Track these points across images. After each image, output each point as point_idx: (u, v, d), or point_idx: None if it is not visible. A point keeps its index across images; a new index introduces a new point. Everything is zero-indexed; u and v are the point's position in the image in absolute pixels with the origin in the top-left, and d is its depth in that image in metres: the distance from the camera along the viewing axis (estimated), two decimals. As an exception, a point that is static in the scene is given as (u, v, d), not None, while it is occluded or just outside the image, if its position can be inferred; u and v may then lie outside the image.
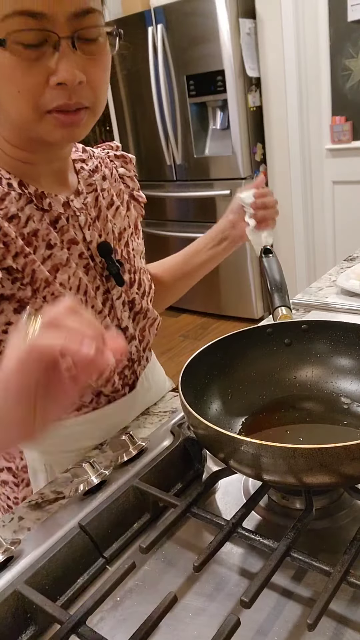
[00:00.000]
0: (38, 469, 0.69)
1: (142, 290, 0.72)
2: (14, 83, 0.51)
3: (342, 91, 2.59)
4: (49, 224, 0.60)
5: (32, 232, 0.59)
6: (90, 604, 0.42)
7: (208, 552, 0.45)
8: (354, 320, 0.65)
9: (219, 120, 2.91)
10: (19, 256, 0.57)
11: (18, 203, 0.58)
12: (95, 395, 0.69)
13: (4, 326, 0.59)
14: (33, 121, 0.53)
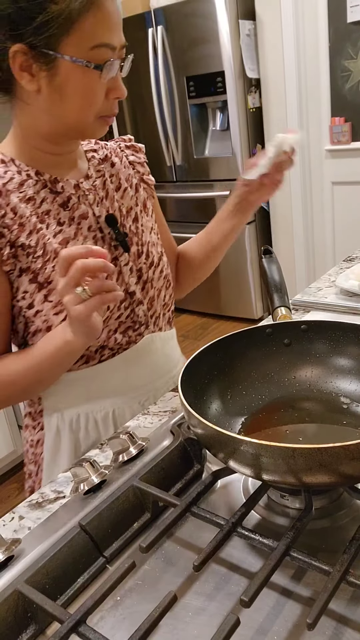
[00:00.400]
0: (53, 412, 0.79)
1: (149, 261, 0.80)
2: (89, 96, 0.65)
3: (342, 92, 2.60)
4: (60, 205, 0.72)
5: (45, 212, 0.70)
6: (91, 603, 0.42)
7: (208, 551, 0.45)
8: (353, 320, 0.66)
9: (218, 121, 2.91)
10: (32, 233, 0.69)
11: (35, 187, 0.70)
12: (100, 347, 0.76)
13: (22, 293, 0.70)
14: (90, 123, 0.67)
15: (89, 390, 0.78)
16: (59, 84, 0.64)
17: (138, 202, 0.83)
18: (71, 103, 0.65)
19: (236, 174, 2.86)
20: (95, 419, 0.79)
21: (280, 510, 0.54)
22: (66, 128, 0.68)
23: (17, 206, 0.68)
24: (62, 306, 0.70)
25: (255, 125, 2.86)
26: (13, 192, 0.68)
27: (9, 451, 2.02)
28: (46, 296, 0.70)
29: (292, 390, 0.66)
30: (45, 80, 0.64)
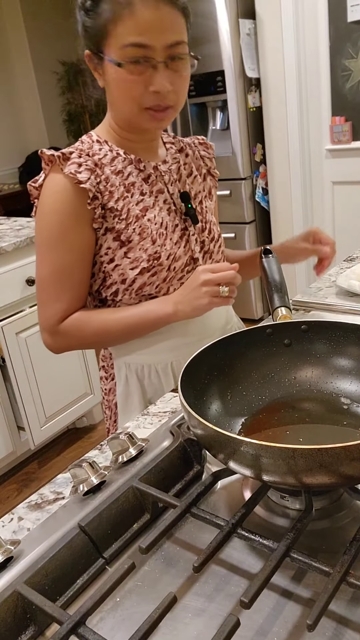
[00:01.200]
0: (122, 364, 0.94)
1: (211, 236, 0.94)
2: (126, 90, 0.77)
3: (342, 92, 2.59)
4: (143, 180, 0.87)
5: (130, 184, 0.85)
6: (90, 604, 0.42)
7: (208, 552, 0.45)
8: (353, 320, 0.65)
9: (218, 120, 2.91)
10: (119, 200, 0.83)
11: (123, 163, 0.85)
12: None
13: (105, 250, 0.84)
14: (136, 114, 0.80)
15: (151, 344, 0.91)
16: (107, 81, 0.79)
17: (205, 189, 0.98)
18: (116, 97, 0.80)
19: (236, 173, 2.86)
20: (157, 370, 0.93)
21: (281, 511, 0.54)
22: (124, 119, 0.83)
23: (110, 177, 0.83)
24: (137, 262, 0.84)
25: (255, 125, 2.86)
26: (106, 166, 0.83)
27: (9, 452, 2.01)
28: (126, 253, 0.84)
29: (293, 390, 0.66)
30: (103, 78, 0.80)
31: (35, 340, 1.92)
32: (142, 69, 0.75)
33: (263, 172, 2.96)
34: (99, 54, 0.78)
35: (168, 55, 0.76)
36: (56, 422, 2.06)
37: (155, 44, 0.74)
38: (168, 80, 0.77)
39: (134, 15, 0.73)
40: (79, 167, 0.80)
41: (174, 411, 0.79)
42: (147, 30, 0.74)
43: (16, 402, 1.98)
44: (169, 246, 0.86)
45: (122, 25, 0.73)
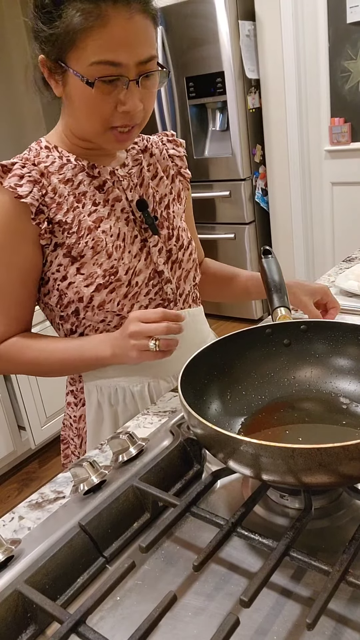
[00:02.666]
0: (91, 389, 0.87)
1: (179, 244, 0.86)
2: (92, 108, 0.70)
3: (341, 93, 2.60)
4: (96, 188, 0.79)
5: (81, 193, 0.78)
6: (90, 603, 0.42)
7: (207, 551, 0.45)
8: (352, 320, 0.66)
9: (218, 121, 2.91)
10: (69, 211, 0.76)
11: (73, 171, 0.78)
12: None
13: (57, 267, 0.78)
14: (100, 134, 0.73)
15: (125, 365, 0.83)
16: (69, 93, 0.71)
17: (172, 191, 0.89)
18: (79, 111, 0.72)
19: (236, 174, 2.87)
20: (132, 392, 0.85)
21: (280, 510, 0.54)
22: (85, 133, 0.75)
23: (57, 186, 0.76)
24: (91, 279, 0.78)
25: (255, 126, 2.86)
26: (54, 174, 0.76)
27: (9, 451, 2.01)
28: (78, 269, 0.77)
29: (292, 390, 0.66)
30: (62, 88, 0.72)
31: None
32: (113, 88, 0.68)
33: (262, 173, 2.96)
34: (60, 63, 0.69)
35: (140, 72, 0.69)
36: (57, 422, 2.06)
37: (129, 61, 0.67)
38: (139, 99, 0.70)
39: (106, 28, 0.64)
40: (20, 180, 0.73)
41: (173, 411, 0.79)
42: (121, 46, 0.65)
43: (17, 402, 1.98)
44: (127, 260, 0.79)
45: (92, 38, 0.64)
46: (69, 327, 0.83)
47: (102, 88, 0.68)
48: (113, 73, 0.67)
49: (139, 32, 0.66)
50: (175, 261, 0.86)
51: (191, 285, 0.90)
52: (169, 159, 0.90)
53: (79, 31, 0.65)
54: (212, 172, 2.97)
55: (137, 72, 0.68)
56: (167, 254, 0.85)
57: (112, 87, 0.68)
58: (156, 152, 0.88)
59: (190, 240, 0.89)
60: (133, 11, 0.65)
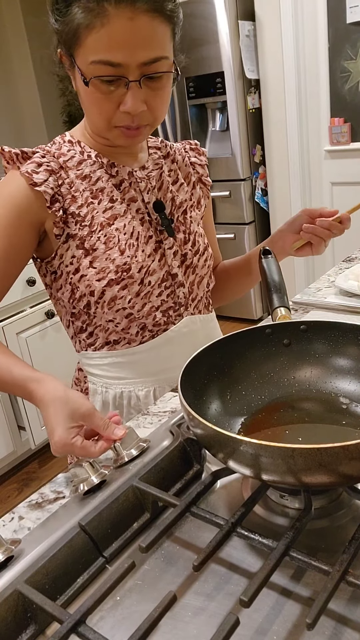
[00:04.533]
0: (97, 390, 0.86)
1: (195, 249, 0.86)
2: (94, 105, 0.70)
3: (341, 93, 2.60)
4: (114, 185, 0.79)
5: (99, 189, 0.78)
6: (90, 603, 0.42)
7: (207, 551, 0.45)
8: (352, 320, 0.66)
9: (218, 122, 2.91)
10: (83, 206, 0.77)
11: (92, 167, 0.79)
12: (140, 329, 0.82)
13: (70, 258, 0.78)
14: (105, 130, 0.74)
15: (132, 369, 0.83)
16: (77, 88, 0.73)
17: (192, 198, 0.90)
18: (85, 107, 0.74)
19: (235, 174, 2.87)
20: (137, 396, 0.84)
21: (280, 510, 0.54)
22: (93, 128, 0.77)
23: (74, 181, 0.77)
24: (103, 273, 0.77)
25: (255, 126, 2.86)
26: (71, 169, 0.77)
27: (9, 451, 2.01)
28: (91, 262, 0.77)
29: (292, 390, 0.66)
30: (75, 82, 0.73)
31: (36, 340, 1.92)
32: (112, 87, 0.67)
33: (262, 173, 2.96)
34: (71, 58, 0.69)
35: (143, 73, 0.67)
36: (56, 423, 2.05)
37: (129, 61, 0.65)
38: (142, 100, 0.68)
39: (106, 26, 0.63)
40: (37, 167, 0.74)
41: (173, 411, 0.79)
42: (120, 46, 0.64)
43: (17, 402, 1.98)
44: (140, 258, 0.78)
45: (92, 36, 0.64)
46: (79, 324, 0.83)
47: (100, 87, 0.67)
48: (111, 73, 0.66)
49: (143, 32, 0.64)
50: (190, 266, 0.85)
51: (204, 291, 0.90)
52: (191, 166, 0.91)
53: (81, 28, 0.65)
54: (212, 172, 2.96)
55: (140, 73, 0.67)
56: (182, 258, 0.84)
57: (112, 86, 0.68)
58: (178, 158, 0.89)
59: (207, 246, 0.89)
60: (138, 11, 0.63)
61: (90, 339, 0.84)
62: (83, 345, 0.85)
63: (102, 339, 0.83)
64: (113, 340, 0.83)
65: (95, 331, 0.82)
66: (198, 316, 0.88)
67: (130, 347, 0.83)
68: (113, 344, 0.83)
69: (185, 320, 0.85)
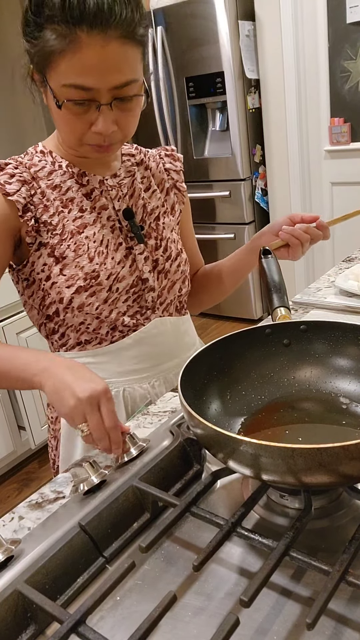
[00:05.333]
0: None
1: (167, 254, 0.87)
2: (66, 125, 0.72)
3: (341, 93, 2.60)
4: (84, 195, 0.81)
5: (69, 199, 0.80)
6: (90, 603, 0.42)
7: (207, 551, 0.45)
8: (352, 320, 0.66)
9: (218, 121, 2.91)
10: (54, 215, 0.79)
11: (63, 177, 0.80)
12: (110, 329, 0.84)
13: (42, 266, 0.80)
14: (77, 147, 0.75)
15: (102, 369, 0.84)
16: (50, 106, 0.74)
17: (165, 204, 0.91)
18: (57, 124, 0.75)
19: (235, 174, 2.87)
20: None
21: (280, 510, 0.54)
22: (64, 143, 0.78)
23: (45, 191, 0.79)
24: (72, 280, 0.79)
25: (255, 126, 2.86)
26: (42, 179, 0.79)
27: (9, 451, 2.01)
28: (61, 270, 0.79)
29: (292, 390, 0.66)
30: (46, 100, 0.74)
31: (36, 341, 1.92)
32: (85, 109, 0.69)
33: (262, 173, 2.96)
34: (43, 77, 0.70)
35: (114, 96, 0.68)
36: (56, 423, 2.06)
37: (100, 86, 0.66)
38: (113, 121, 0.70)
39: (78, 52, 0.64)
40: (10, 178, 0.76)
41: (173, 411, 0.79)
42: (92, 72, 0.65)
43: (17, 402, 1.98)
44: (109, 265, 0.80)
45: (64, 62, 0.65)
46: (52, 326, 0.85)
47: (72, 109, 0.69)
48: (83, 97, 0.67)
49: (115, 58, 0.65)
50: (162, 271, 0.87)
51: (175, 296, 0.90)
52: (165, 173, 0.92)
53: (54, 52, 0.65)
54: (212, 172, 2.97)
55: (111, 95, 0.68)
56: (154, 264, 0.86)
57: (84, 109, 0.69)
58: (152, 165, 0.90)
59: (180, 252, 0.90)
60: (110, 38, 0.64)
61: (62, 339, 0.85)
62: (56, 345, 0.87)
63: (74, 340, 0.84)
64: (84, 340, 0.84)
65: (67, 332, 0.84)
66: (168, 318, 0.88)
67: (101, 347, 0.84)
68: (84, 344, 0.84)
69: (154, 322, 0.86)
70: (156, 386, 0.87)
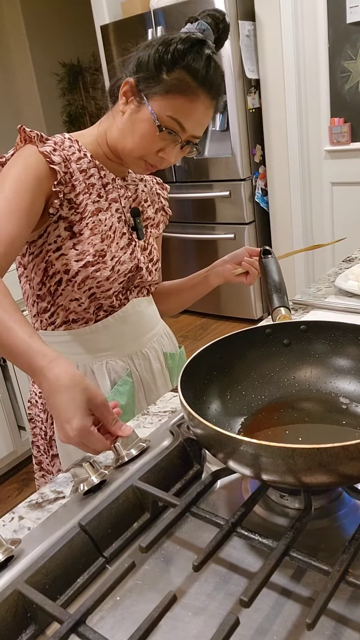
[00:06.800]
0: None
1: (150, 257, 1.01)
2: (145, 141, 0.85)
3: (341, 93, 2.60)
4: (102, 185, 0.92)
5: (91, 184, 0.90)
6: (90, 603, 0.42)
7: (207, 551, 0.45)
8: (352, 320, 0.66)
9: (218, 121, 2.91)
10: (79, 194, 0.88)
11: (88, 164, 0.90)
12: (96, 309, 0.93)
13: (55, 237, 0.87)
14: (133, 158, 0.88)
15: (87, 346, 0.94)
16: (135, 119, 0.85)
17: (155, 219, 1.06)
18: (132, 135, 0.86)
19: (235, 174, 2.87)
20: (91, 369, 0.94)
21: (280, 510, 0.54)
22: (121, 148, 0.89)
23: (75, 172, 0.88)
24: (83, 255, 0.87)
25: (255, 126, 2.86)
26: (73, 162, 0.88)
27: (9, 451, 2.02)
28: (75, 244, 0.87)
29: (292, 390, 0.66)
30: (130, 110, 0.85)
31: (35, 341, 1.92)
32: (168, 138, 0.85)
33: (262, 173, 2.96)
34: (143, 95, 0.83)
35: (188, 140, 0.87)
36: (56, 423, 2.05)
37: (190, 130, 0.85)
38: (176, 157, 0.88)
39: (194, 103, 0.83)
40: (53, 151, 0.83)
41: (173, 411, 0.79)
42: (194, 119, 0.84)
43: (17, 402, 1.98)
44: (114, 249, 0.91)
45: (179, 102, 0.82)
46: (44, 305, 0.91)
47: (162, 135, 0.84)
48: (176, 130, 0.84)
49: (207, 119, 0.87)
50: (146, 270, 0.99)
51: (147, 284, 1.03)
52: (156, 195, 1.08)
53: (172, 90, 0.81)
54: (212, 172, 2.97)
55: (187, 139, 0.87)
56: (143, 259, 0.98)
57: (169, 137, 0.85)
58: (148, 186, 1.05)
59: (159, 259, 1.05)
60: (210, 104, 0.85)
61: (52, 318, 0.93)
62: (44, 324, 0.94)
63: (62, 318, 0.92)
64: (72, 319, 0.92)
65: (57, 311, 0.92)
66: (142, 298, 1.01)
67: (86, 327, 0.93)
68: (71, 323, 0.93)
69: (132, 302, 0.97)
70: (134, 358, 0.98)
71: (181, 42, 0.82)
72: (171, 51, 0.81)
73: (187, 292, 1.12)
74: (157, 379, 1.02)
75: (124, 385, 0.95)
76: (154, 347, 1.02)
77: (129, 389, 0.96)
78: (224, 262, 1.05)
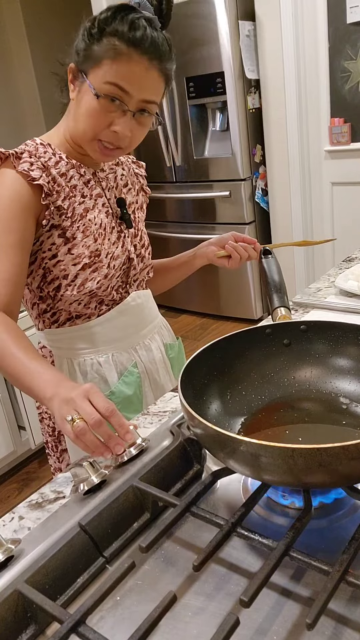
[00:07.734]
0: (63, 361, 0.97)
1: (142, 242, 1.01)
2: (92, 116, 0.83)
3: (341, 93, 2.60)
4: (83, 183, 0.92)
5: (73, 186, 0.90)
6: (90, 603, 0.42)
7: (207, 551, 0.45)
8: (352, 320, 0.66)
9: (218, 121, 2.91)
10: (65, 199, 0.88)
11: (66, 167, 0.90)
12: (98, 304, 0.94)
13: (49, 246, 0.87)
14: (88, 140, 0.85)
15: (91, 340, 0.96)
16: (79, 99, 0.84)
17: (138, 202, 1.05)
18: (81, 115, 0.84)
19: (236, 174, 2.87)
20: (98, 362, 0.96)
21: (280, 510, 0.54)
22: (78, 136, 0.87)
23: (56, 178, 0.88)
24: (79, 259, 0.88)
25: (255, 126, 2.86)
26: (52, 168, 0.87)
27: (9, 451, 2.01)
28: (69, 249, 0.88)
29: (292, 390, 0.66)
30: (76, 93, 0.85)
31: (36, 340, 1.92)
32: (113, 108, 0.82)
33: (262, 173, 2.96)
34: (82, 74, 0.82)
35: (138, 107, 0.83)
36: (56, 423, 2.06)
37: (133, 93, 0.81)
38: (129, 128, 0.84)
39: (127, 64, 0.80)
40: (31, 166, 0.83)
41: (173, 411, 0.79)
42: (132, 81, 0.80)
43: (17, 402, 1.98)
44: (107, 245, 0.91)
45: (114, 65, 0.79)
46: (44, 307, 0.92)
47: (105, 104, 0.81)
48: (117, 95, 0.81)
49: (150, 79, 0.82)
50: (139, 256, 1.00)
51: (145, 276, 1.04)
52: (135, 176, 1.07)
53: (105, 57, 0.79)
54: (212, 172, 2.97)
55: (137, 107, 0.82)
56: (134, 248, 0.98)
57: (113, 106, 0.81)
58: (126, 168, 1.04)
59: (150, 243, 1.05)
60: (152, 65, 0.80)
61: (54, 317, 0.94)
62: (47, 323, 0.95)
63: (65, 316, 0.93)
64: (75, 315, 0.93)
65: (59, 311, 0.93)
66: (142, 291, 1.02)
67: (90, 321, 0.94)
68: (74, 319, 0.94)
69: (132, 295, 0.99)
70: (138, 350, 1.00)
71: (104, 12, 0.81)
72: (97, 23, 0.80)
73: (172, 272, 1.14)
74: (159, 369, 1.04)
75: (130, 376, 0.97)
76: (156, 338, 1.03)
77: (135, 380, 0.97)
78: (209, 244, 1.06)
